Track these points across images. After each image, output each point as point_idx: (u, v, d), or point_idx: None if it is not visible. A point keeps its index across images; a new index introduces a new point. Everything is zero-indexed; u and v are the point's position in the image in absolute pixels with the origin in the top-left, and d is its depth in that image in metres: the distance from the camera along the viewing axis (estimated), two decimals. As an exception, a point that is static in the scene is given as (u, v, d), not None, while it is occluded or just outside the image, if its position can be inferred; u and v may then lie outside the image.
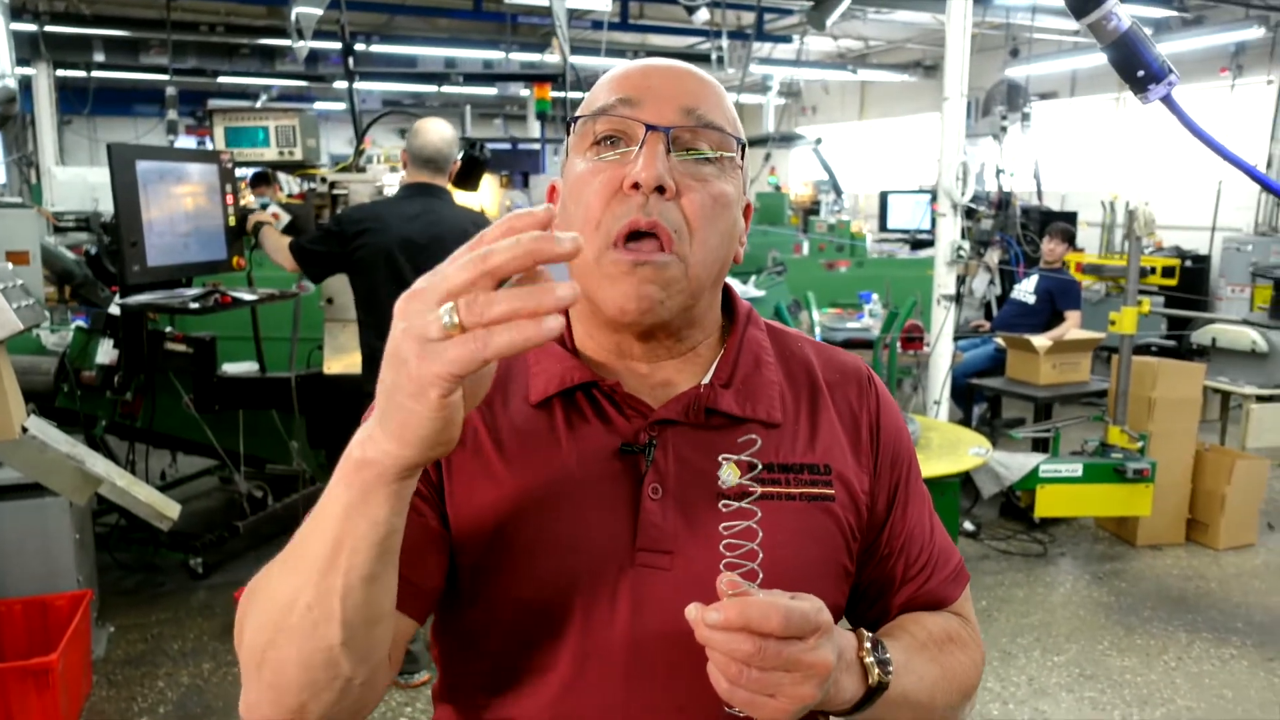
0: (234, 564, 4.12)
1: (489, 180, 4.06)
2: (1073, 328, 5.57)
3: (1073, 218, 8.49)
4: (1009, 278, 6.93)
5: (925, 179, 11.02)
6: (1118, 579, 4.16)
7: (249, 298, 3.78)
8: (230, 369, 4.13)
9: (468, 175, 3.41)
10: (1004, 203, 7.67)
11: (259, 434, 4.29)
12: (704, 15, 7.32)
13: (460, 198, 3.38)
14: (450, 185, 3.37)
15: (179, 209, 3.47)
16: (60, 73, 10.82)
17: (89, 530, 3.45)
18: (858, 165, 14.14)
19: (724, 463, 0.84)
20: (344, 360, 3.77)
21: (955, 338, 4.97)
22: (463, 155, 3.38)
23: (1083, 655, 3.49)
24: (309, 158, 3.95)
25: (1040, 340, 5.19)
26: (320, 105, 13.89)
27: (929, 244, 8.17)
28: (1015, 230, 7.52)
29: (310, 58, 9.30)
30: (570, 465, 0.82)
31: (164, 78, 8.84)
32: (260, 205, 4.21)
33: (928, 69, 12.93)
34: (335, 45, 6.05)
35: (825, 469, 0.87)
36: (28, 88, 10.56)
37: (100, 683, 3.18)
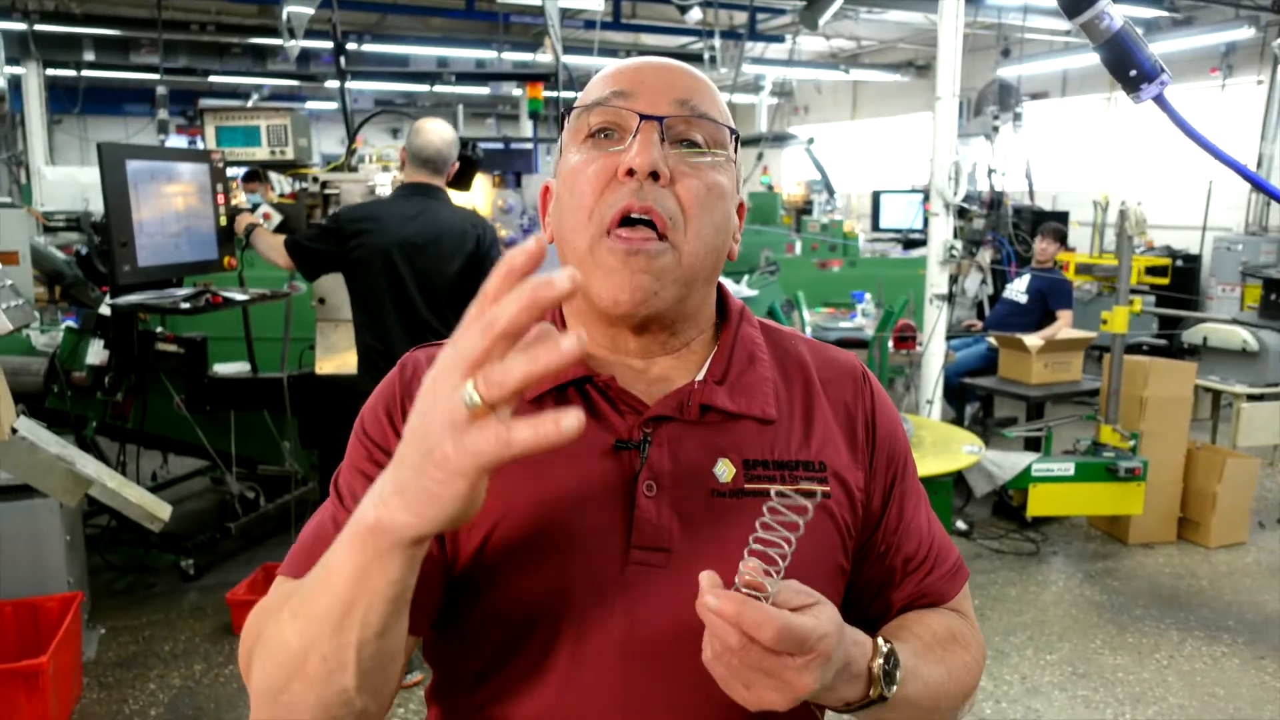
0: (226, 565, 4.10)
1: (481, 180, 4.06)
2: (1064, 327, 5.59)
3: (1064, 217, 8.51)
4: (1001, 277, 6.94)
5: (918, 179, 11.06)
6: (1110, 577, 4.17)
7: (240, 298, 3.76)
8: (222, 369, 4.12)
9: (461, 175, 3.40)
10: (996, 202, 7.69)
11: (251, 435, 4.28)
12: (697, 15, 7.32)
13: (453, 198, 3.38)
14: (448, 188, 3.37)
15: (170, 209, 3.45)
16: (50, 72, 10.78)
17: (79, 532, 3.43)
18: (850, 165, 14.17)
19: (719, 460, 0.83)
20: (336, 360, 3.76)
21: (948, 337, 4.99)
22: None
23: (1075, 654, 3.50)
24: (301, 157, 3.94)
25: (1032, 339, 5.20)
26: (312, 105, 13.86)
27: (921, 243, 8.19)
28: (1007, 230, 7.54)
29: (302, 57, 9.28)
30: (564, 463, 0.82)
31: (155, 77, 8.80)
32: (252, 204, 4.20)
33: (920, 69, 12.95)
34: (327, 44, 6.04)
35: (820, 466, 0.86)
36: (17, 87, 10.54)
37: (91, 685, 3.16)
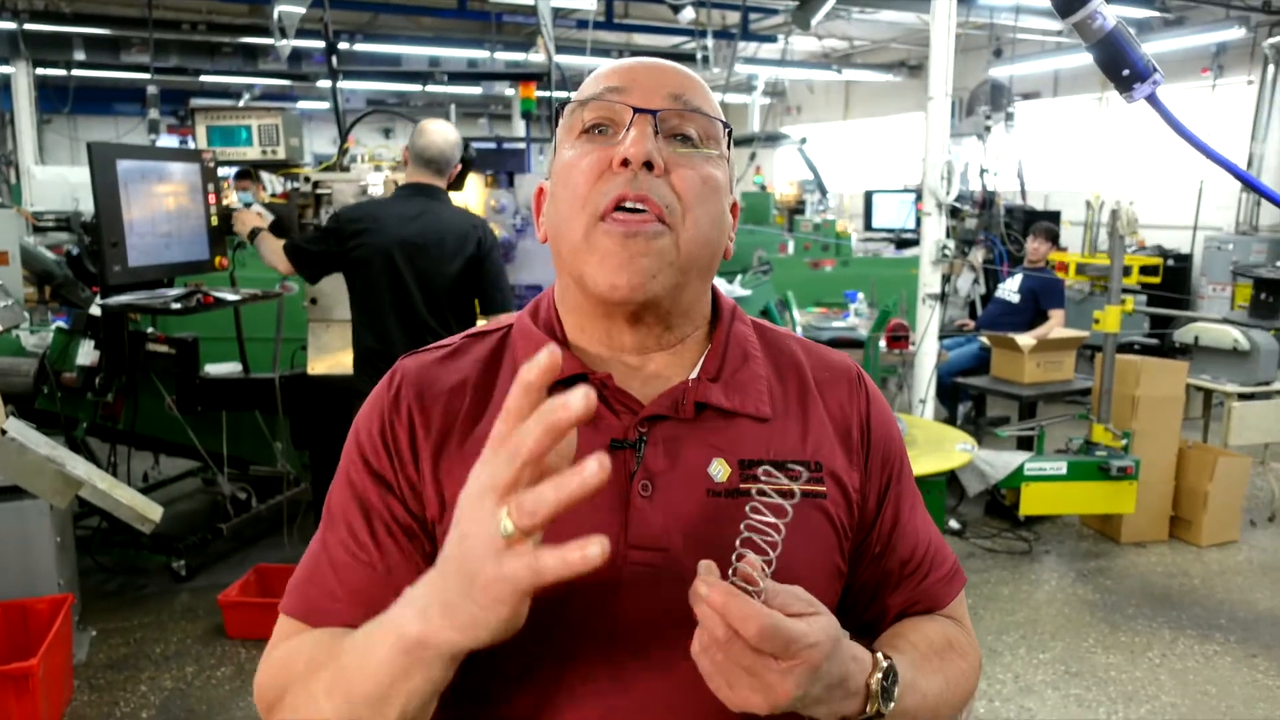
0: (217, 566, 4.09)
1: (474, 179, 4.05)
2: (1056, 326, 5.61)
3: (1056, 217, 8.54)
4: (993, 277, 6.96)
5: (910, 178, 11.07)
6: (1102, 576, 4.18)
7: (232, 298, 3.75)
8: (213, 370, 4.10)
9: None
10: (988, 202, 7.71)
11: (242, 435, 4.27)
12: (689, 14, 7.31)
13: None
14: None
15: (160, 208, 3.44)
16: (40, 71, 10.74)
17: (70, 533, 3.41)
18: (843, 165, 14.18)
19: (715, 459, 0.83)
20: (328, 361, 3.75)
21: (940, 337, 5.00)
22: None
23: (1068, 652, 3.51)
24: (292, 157, 3.93)
25: (1024, 339, 5.21)
26: (303, 104, 13.83)
27: (914, 243, 8.21)
28: (999, 229, 7.56)
29: (293, 56, 9.24)
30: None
31: (145, 76, 8.78)
32: (243, 203, 4.19)
33: (912, 69, 12.98)
34: (318, 44, 6.03)
35: (816, 466, 0.86)
36: (7, 86, 10.51)
37: (82, 687, 3.15)
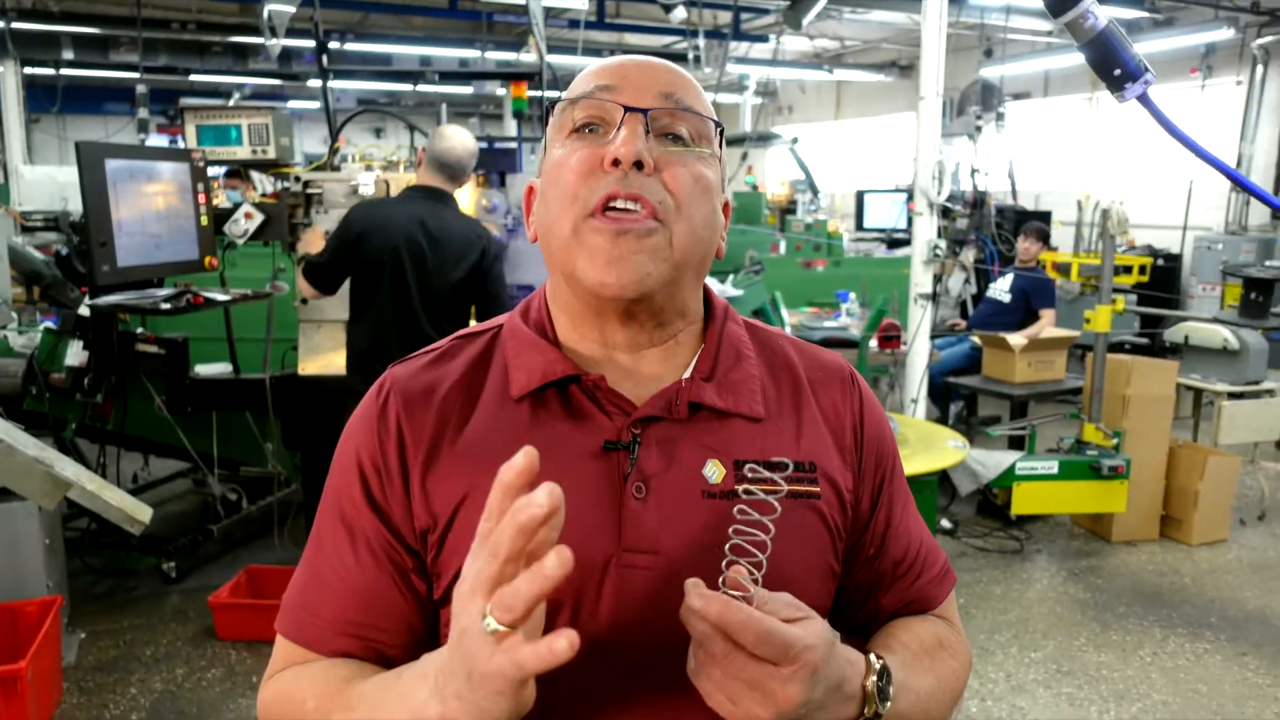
0: (208, 568, 4.07)
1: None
2: (1047, 326, 5.62)
3: (1047, 217, 8.56)
4: (984, 276, 6.97)
5: (901, 178, 11.09)
6: (1093, 575, 4.19)
7: (222, 298, 3.73)
8: (203, 370, 4.08)
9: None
10: (979, 202, 7.72)
11: (233, 436, 4.25)
12: (681, 14, 7.31)
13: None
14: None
15: (150, 208, 3.42)
16: (28, 70, 10.66)
17: (59, 535, 3.39)
18: (834, 165, 14.20)
19: (709, 460, 0.83)
20: (319, 361, 3.74)
21: (932, 336, 5.00)
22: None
23: (1060, 651, 3.52)
24: (282, 156, 3.91)
25: (1016, 338, 5.23)
26: (294, 104, 13.78)
27: (905, 243, 8.22)
28: (990, 229, 7.57)
29: (283, 56, 9.22)
30: (552, 466, 0.80)
31: (134, 76, 8.73)
32: (232, 202, 4.18)
33: (903, 69, 13.00)
34: (309, 43, 6.00)
35: (810, 466, 0.86)
36: (-5, 85, 10.41)
37: (71, 690, 3.13)
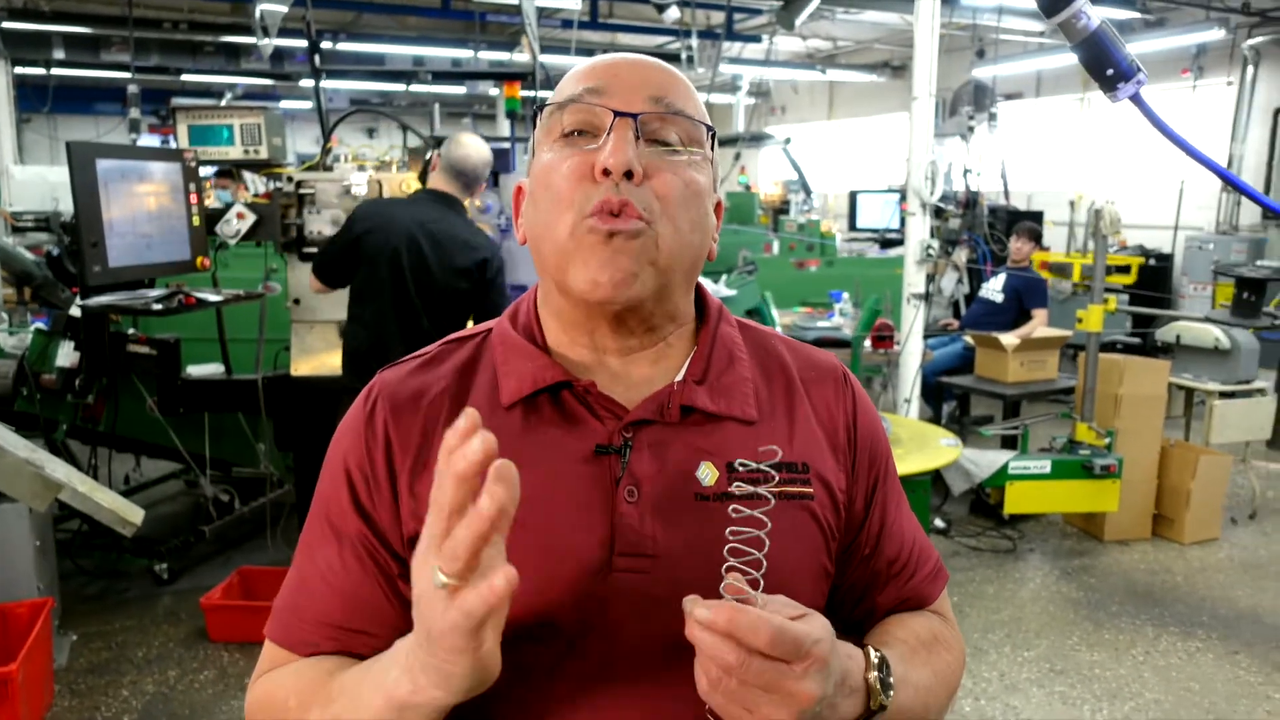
0: (200, 569, 4.06)
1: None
2: (1040, 326, 5.63)
3: (1039, 217, 8.58)
4: (977, 276, 6.99)
5: (894, 178, 11.11)
6: (1086, 574, 4.21)
7: (214, 299, 3.72)
8: (195, 371, 4.07)
9: (436, 173, 3.39)
10: (971, 202, 7.74)
11: (225, 437, 4.24)
12: (674, 14, 7.32)
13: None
14: (422, 185, 3.37)
15: (141, 208, 3.41)
16: (19, 70, 10.60)
17: (50, 537, 3.38)
18: (827, 165, 14.22)
19: (702, 463, 0.82)
20: (312, 362, 3.73)
21: (925, 336, 5.01)
22: (431, 154, 3.37)
23: (1052, 650, 3.53)
24: (274, 156, 3.90)
25: (1008, 338, 5.24)
26: (286, 104, 13.75)
27: (898, 243, 8.24)
28: (983, 229, 7.59)
29: (276, 55, 9.20)
30: (543, 471, 0.80)
31: (126, 76, 8.70)
32: (222, 202, 4.17)
33: (895, 69, 13.02)
34: (301, 43, 5.99)
35: (804, 467, 0.85)
36: (-15, 85, 10.37)
37: (62, 692, 3.11)
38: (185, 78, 11.50)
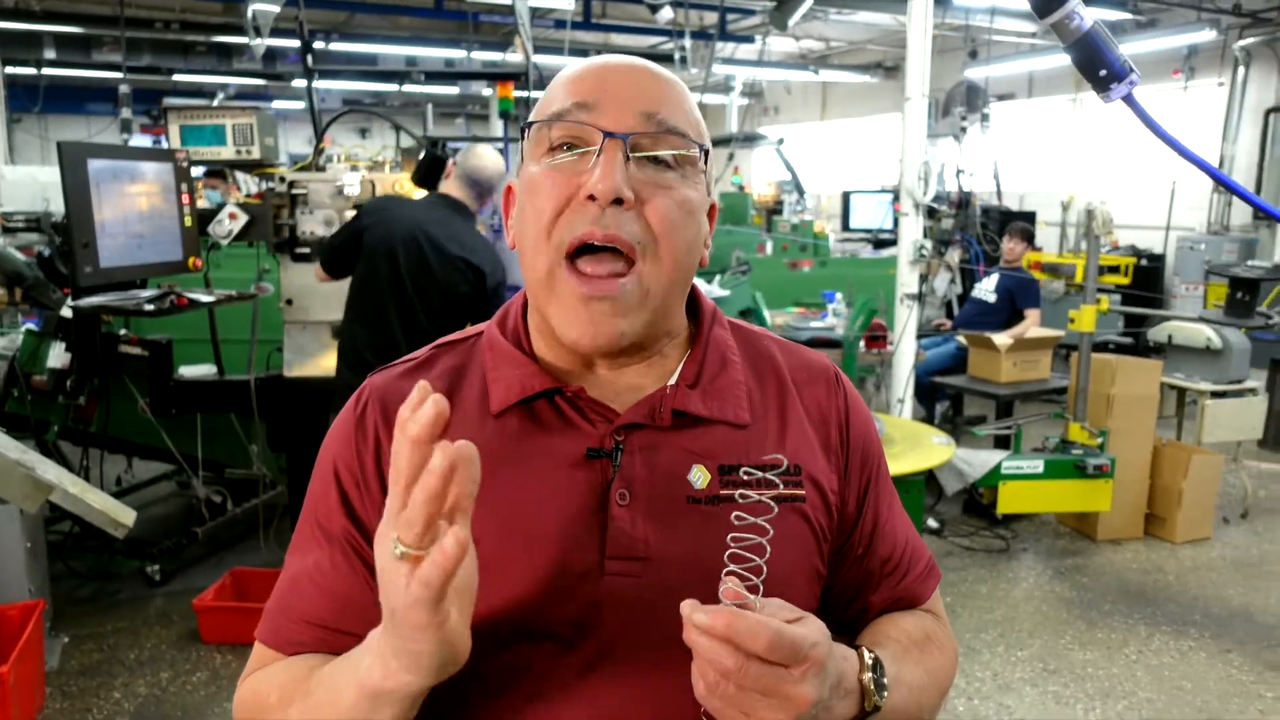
0: (192, 571, 4.04)
1: (451, 179, 4.04)
2: (1032, 326, 5.65)
3: (1031, 217, 8.60)
4: (970, 276, 7.00)
5: (887, 179, 11.13)
6: (1079, 574, 4.22)
7: (206, 299, 3.71)
8: (187, 372, 4.06)
9: (429, 174, 3.39)
10: (964, 202, 7.75)
11: (217, 438, 4.22)
12: (667, 15, 7.32)
13: (420, 196, 3.38)
14: (416, 186, 3.37)
15: (133, 209, 3.40)
16: (10, 70, 10.57)
17: (41, 539, 3.36)
18: (820, 165, 14.23)
19: (694, 466, 0.82)
20: (305, 363, 3.72)
21: (918, 336, 5.02)
22: (424, 154, 3.37)
23: (1046, 650, 3.53)
24: (267, 156, 3.89)
25: (1001, 338, 5.25)
26: (278, 104, 13.72)
27: (891, 243, 8.25)
28: (975, 230, 7.61)
29: (268, 56, 9.16)
30: (534, 475, 0.80)
31: (117, 76, 8.67)
32: (212, 204, 4.16)
33: (888, 70, 13.04)
34: (294, 43, 5.98)
35: (795, 470, 0.85)
36: (-24, 85, 10.32)
37: (54, 695, 3.10)
38: (177, 78, 11.47)
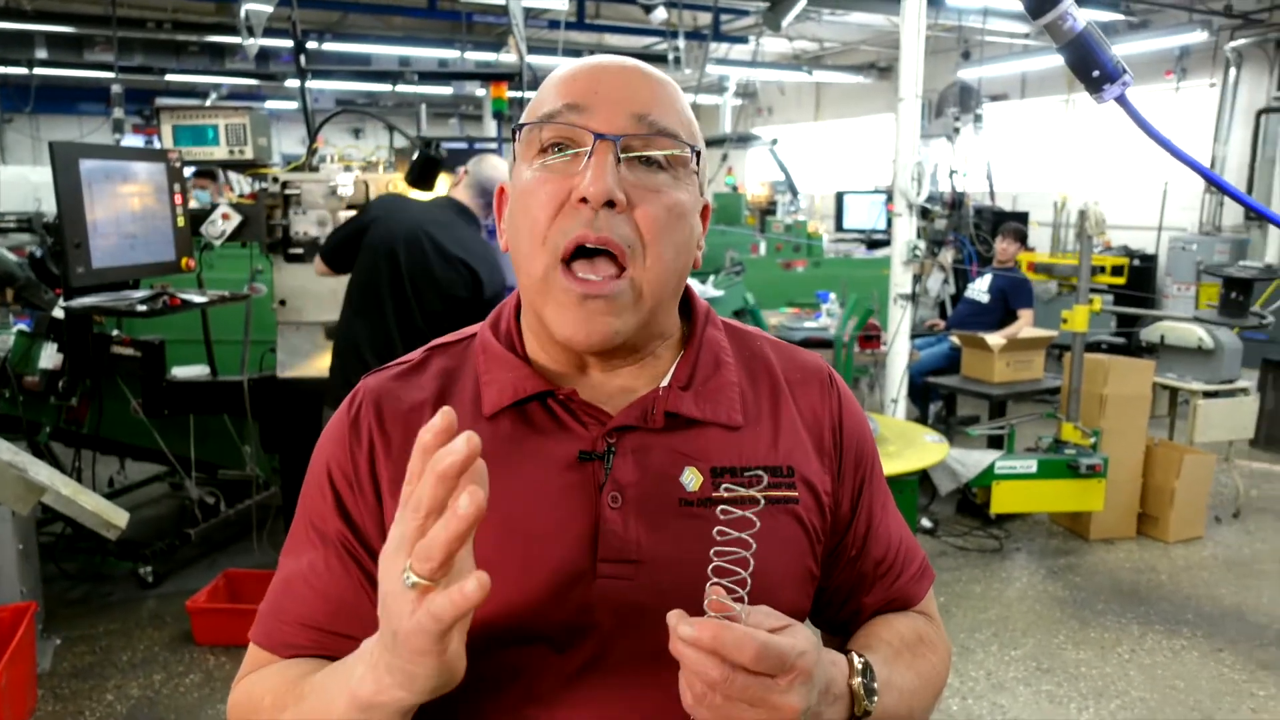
0: (185, 572, 4.03)
1: (445, 180, 4.04)
2: (1025, 326, 5.66)
3: (1024, 217, 8.63)
4: (963, 277, 7.02)
5: (880, 179, 11.15)
6: (1072, 573, 4.23)
7: (199, 300, 3.70)
8: (180, 373, 4.05)
9: (424, 175, 3.38)
10: (957, 203, 7.78)
11: (210, 439, 4.21)
12: (661, 15, 7.32)
13: (415, 197, 3.37)
14: (410, 186, 3.36)
15: (125, 209, 3.39)
16: (1, 70, 10.55)
17: (33, 540, 3.35)
18: (814, 166, 14.25)
19: (686, 468, 0.82)
20: (298, 364, 3.71)
21: (911, 336, 5.03)
22: (418, 155, 3.36)
23: (1039, 649, 3.54)
24: (260, 157, 3.88)
25: (994, 338, 5.26)
26: (271, 104, 13.68)
27: (885, 244, 8.26)
28: (969, 230, 7.63)
29: (261, 56, 9.16)
30: (527, 478, 0.80)
31: (110, 75, 8.64)
32: (201, 204, 4.15)
33: (882, 70, 13.07)
34: (286, 43, 5.96)
35: (788, 471, 0.85)
36: (-33, 85, 10.30)
37: (46, 697, 3.09)
38: (169, 78, 11.43)
